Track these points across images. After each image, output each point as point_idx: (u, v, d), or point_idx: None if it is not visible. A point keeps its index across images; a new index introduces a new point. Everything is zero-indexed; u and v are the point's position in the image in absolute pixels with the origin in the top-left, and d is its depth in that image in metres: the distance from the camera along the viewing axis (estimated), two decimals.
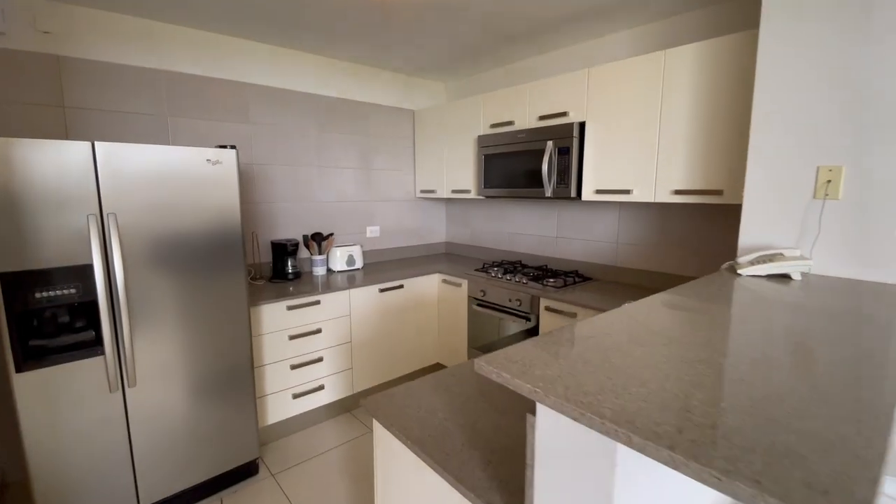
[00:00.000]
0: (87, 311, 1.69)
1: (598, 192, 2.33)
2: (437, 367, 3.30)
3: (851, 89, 1.38)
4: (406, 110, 3.48)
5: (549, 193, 2.50)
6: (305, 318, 2.47)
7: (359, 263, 3.15)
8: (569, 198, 2.44)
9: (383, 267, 3.24)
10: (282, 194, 2.89)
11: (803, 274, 1.45)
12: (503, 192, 2.77)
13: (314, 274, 2.96)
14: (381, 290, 2.80)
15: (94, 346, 1.70)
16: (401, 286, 2.90)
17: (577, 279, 2.65)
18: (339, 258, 3.06)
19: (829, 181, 1.45)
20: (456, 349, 3.03)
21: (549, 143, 2.46)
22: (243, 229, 2.11)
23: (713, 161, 1.90)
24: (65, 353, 1.65)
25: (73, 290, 1.64)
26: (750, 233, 1.63)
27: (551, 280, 2.60)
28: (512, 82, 3.17)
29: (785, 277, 1.44)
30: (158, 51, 2.38)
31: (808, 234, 1.50)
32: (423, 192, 3.55)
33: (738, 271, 1.49)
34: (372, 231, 3.40)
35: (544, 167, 2.48)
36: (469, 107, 3.02)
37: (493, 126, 2.85)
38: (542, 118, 2.56)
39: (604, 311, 1.94)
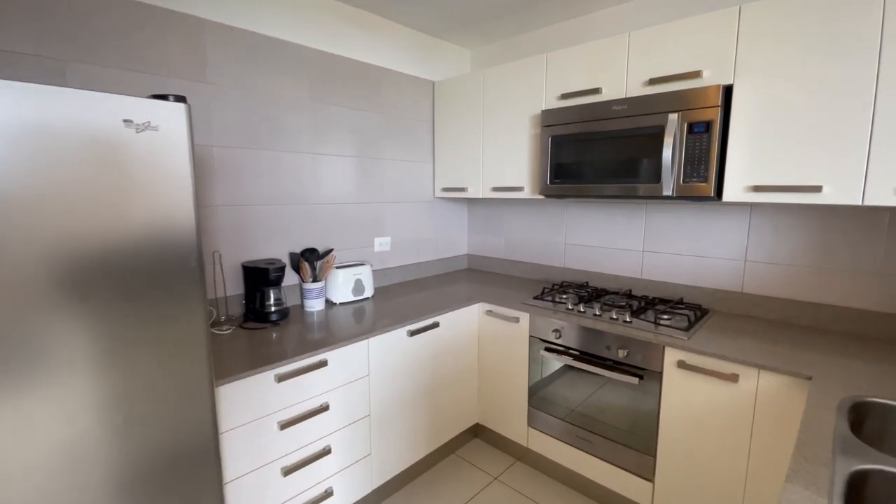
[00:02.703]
0: None
1: (757, 188, 1.56)
2: (479, 429, 2.43)
3: None
4: (425, 81, 2.60)
5: (670, 191, 1.71)
6: (305, 390, 1.55)
7: (368, 291, 2.24)
8: (705, 198, 1.66)
9: (399, 293, 2.34)
10: (258, 193, 1.93)
11: None
12: (584, 190, 1.95)
13: (308, 310, 2.02)
14: (411, 333, 1.91)
15: None
16: (436, 324, 2.02)
17: (697, 313, 1.88)
18: (341, 284, 2.13)
19: None
20: (506, 406, 2.19)
21: (673, 118, 1.67)
22: (200, 247, 1.17)
23: None
24: None
25: None
26: None
27: (665, 317, 1.81)
28: (556, 47, 2.36)
29: None
30: None
31: None
32: (445, 190, 2.67)
33: None
34: (381, 244, 2.49)
35: (666, 153, 1.69)
36: (524, 70, 2.18)
37: (565, 97, 2.03)
38: (653, 82, 1.76)
39: (789, 373, 1.17)
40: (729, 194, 1.63)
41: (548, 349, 1.98)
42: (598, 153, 1.89)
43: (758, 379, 1.43)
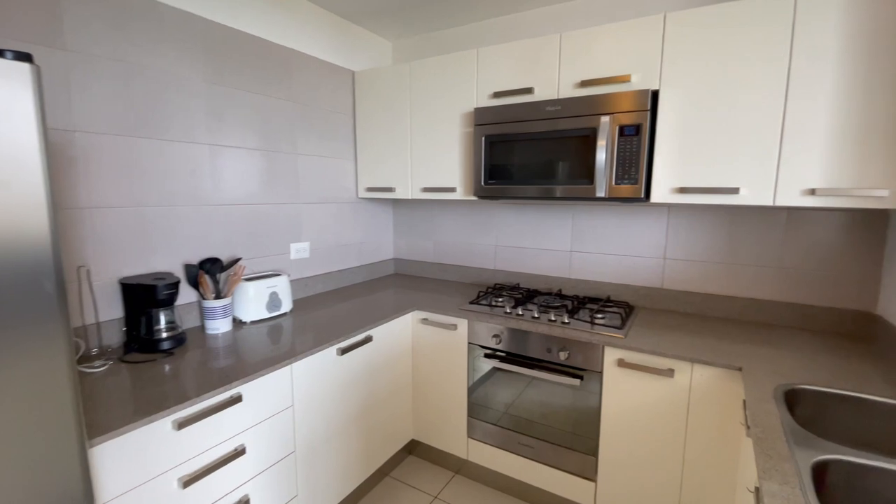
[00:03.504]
0: None
1: (682, 190, 1.64)
2: (413, 446, 2.27)
3: None
4: (343, 69, 2.37)
5: (603, 193, 1.73)
6: (214, 434, 1.26)
7: (286, 305, 1.96)
8: (634, 199, 1.70)
9: (322, 305, 2.09)
10: (141, 191, 1.56)
11: None
12: (520, 192, 1.91)
13: (212, 333, 1.69)
14: (342, 351, 1.69)
15: None
16: (369, 338, 1.82)
17: (626, 311, 1.93)
18: (253, 299, 1.83)
19: None
20: (444, 419, 2.07)
21: (605, 121, 1.68)
22: (60, 261, 0.86)
23: (879, 149, 1.34)
24: None
25: None
26: None
27: (599, 316, 1.83)
28: (484, 45, 2.32)
29: None
30: None
31: None
32: (370, 189, 2.47)
33: None
34: (299, 250, 2.21)
35: (600, 155, 1.70)
36: (454, 66, 2.08)
37: (498, 95, 1.97)
38: (584, 84, 1.77)
39: (720, 365, 1.24)
40: (656, 196, 1.70)
41: (488, 355, 1.90)
42: (534, 154, 1.85)
43: (692, 372, 1.49)
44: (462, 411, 2.01)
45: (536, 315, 1.86)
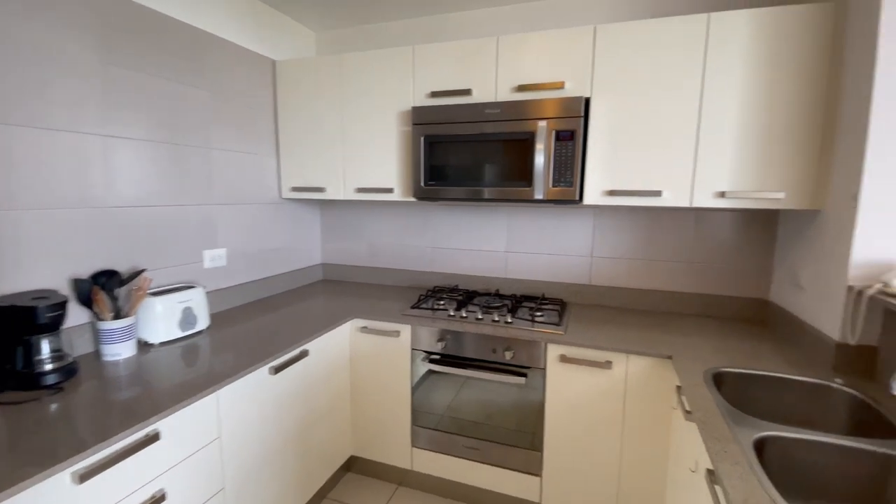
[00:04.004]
0: None
1: (612, 193, 1.75)
2: (353, 462, 2.14)
3: None
4: (263, 58, 2.15)
5: (541, 195, 1.78)
6: (127, 482, 1.05)
7: (203, 321, 1.72)
8: (570, 201, 1.77)
9: (246, 318, 1.88)
10: (12, 190, 1.25)
11: None
12: (461, 194, 1.89)
13: (111, 359, 1.42)
14: (275, 370, 1.53)
15: None
16: (304, 353, 1.67)
17: (561, 308, 2.01)
18: (163, 317, 1.58)
19: None
20: (386, 431, 1.98)
21: (543, 125, 1.73)
22: None
23: (774, 157, 1.55)
24: None
25: None
26: (874, 244, 1.30)
27: (538, 314, 1.89)
28: (417, 43, 2.28)
29: None
30: None
31: None
32: (296, 189, 2.28)
33: None
34: (214, 258, 1.96)
35: (538, 159, 1.75)
36: (389, 62, 1.99)
37: (436, 95, 1.93)
38: (521, 88, 1.80)
39: (653, 355, 1.36)
40: (589, 198, 1.79)
41: (433, 360, 1.85)
42: (474, 156, 1.85)
43: (627, 363, 1.59)
44: (405, 420, 1.94)
45: (480, 316, 1.86)
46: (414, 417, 1.93)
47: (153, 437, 1.10)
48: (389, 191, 2.05)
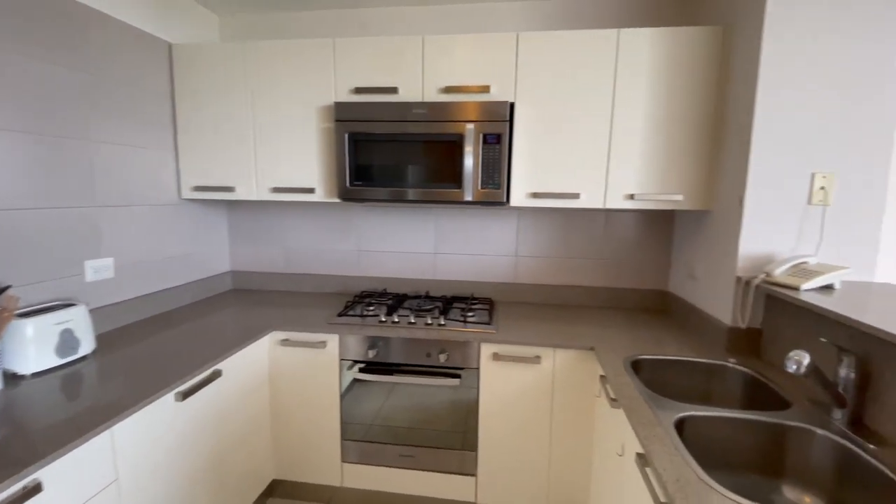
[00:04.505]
0: None
1: (536, 195, 1.82)
2: (275, 486, 1.97)
3: (843, 90, 1.41)
4: (157, 39, 1.89)
5: (470, 196, 1.79)
6: None
7: (87, 345, 1.46)
8: (497, 203, 1.81)
9: (142, 337, 1.64)
10: None
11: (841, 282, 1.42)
12: (389, 194, 1.84)
13: None
14: (183, 396, 1.34)
15: None
16: (217, 373, 1.49)
17: (490, 306, 2.05)
18: (35, 342, 1.30)
19: (822, 187, 1.47)
20: (313, 449, 1.86)
21: (471, 128, 1.75)
22: None
23: (674, 163, 1.73)
24: None
25: None
26: (758, 240, 1.50)
27: (470, 314, 1.90)
28: (333, 36, 2.18)
29: (827, 288, 1.37)
30: None
31: (805, 241, 1.49)
32: (199, 189, 2.04)
33: (802, 287, 1.32)
34: (98, 269, 1.67)
35: (467, 161, 1.76)
36: (307, 54, 1.86)
37: (360, 91, 1.85)
38: (448, 90, 1.80)
39: (577, 347, 1.48)
40: (515, 199, 1.84)
41: (363, 370, 1.77)
42: (401, 155, 1.81)
43: (554, 357, 1.67)
44: (334, 436, 1.83)
45: (413, 320, 1.82)
46: (343, 431, 1.83)
47: (34, 489, 0.90)
48: (311, 191, 1.93)
